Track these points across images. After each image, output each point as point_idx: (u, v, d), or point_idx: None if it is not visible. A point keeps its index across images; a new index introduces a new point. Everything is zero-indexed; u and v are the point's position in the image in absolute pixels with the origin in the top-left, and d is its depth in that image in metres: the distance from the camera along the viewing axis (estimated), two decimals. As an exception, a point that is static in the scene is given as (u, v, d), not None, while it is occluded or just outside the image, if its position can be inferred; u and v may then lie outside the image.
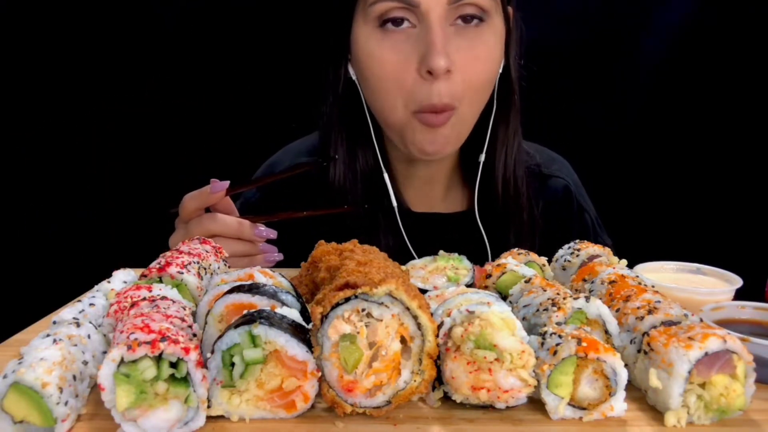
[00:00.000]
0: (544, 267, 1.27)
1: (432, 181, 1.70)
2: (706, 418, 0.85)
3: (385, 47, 1.43)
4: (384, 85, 1.46)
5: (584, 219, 1.78)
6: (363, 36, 1.46)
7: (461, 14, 1.42)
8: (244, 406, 0.84)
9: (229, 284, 1.00)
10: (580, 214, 1.79)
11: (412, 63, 1.41)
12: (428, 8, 1.38)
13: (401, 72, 1.42)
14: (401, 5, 1.39)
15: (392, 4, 1.39)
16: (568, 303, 0.95)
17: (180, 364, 0.79)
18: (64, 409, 0.79)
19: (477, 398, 0.85)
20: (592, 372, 0.86)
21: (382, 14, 1.42)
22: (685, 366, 0.83)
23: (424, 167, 1.67)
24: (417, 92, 1.43)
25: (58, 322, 0.95)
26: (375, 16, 1.43)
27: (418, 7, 1.38)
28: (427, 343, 0.86)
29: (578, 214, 1.78)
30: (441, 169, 1.69)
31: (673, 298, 1.01)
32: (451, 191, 1.74)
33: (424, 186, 1.70)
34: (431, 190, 1.71)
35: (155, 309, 0.89)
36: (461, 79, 1.43)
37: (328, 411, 0.87)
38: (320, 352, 0.84)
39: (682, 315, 0.94)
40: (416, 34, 1.41)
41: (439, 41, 1.38)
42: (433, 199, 1.72)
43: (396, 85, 1.44)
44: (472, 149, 1.63)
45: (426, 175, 1.68)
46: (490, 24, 1.46)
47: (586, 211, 1.79)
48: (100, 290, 1.10)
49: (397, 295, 0.84)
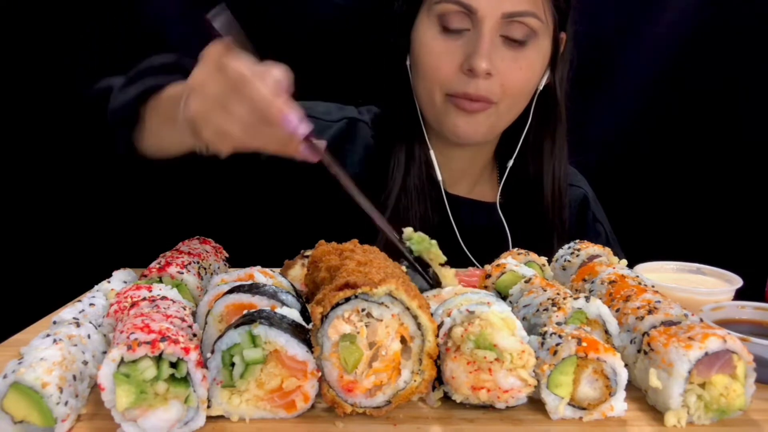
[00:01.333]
0: (544, 267, 1.27)
1: (464, 174, 1.81)
2: (706, 418, 0.85)
3: (438, 40, 1.59)
4: (427, 72, 1.61)
5: (597, 230, 1.87)
6: (423, 29, 1.62)
7: (509, 35, 1.55)
8: (244, 406, 0.84)
9: (229, 284, 1.00)
10: (594, 225, 1.88)
11: (456, 59, 1.56)
12: (484, 15, 1.52)
13: (444, 63, 1.57)
14: (461, 9, 1.54)
15: (453, 7, 1.55)
16: (568, 303, 0.95)
17: (180, 364, 0.79)
18: (64, 409, 0.79)
19: (477, 398, 0.86)
20: (592, 372, 0.86)
21: (442, 14, 1.57)
22: (685, 366, 0.83)
23: (460, 156, 1.76)
24: (454, 82, 1.57)
25: (58, 322, 0.95)
26: (436, 14, 1.58)
27: (475, 14, 1.53)
28: (427, 343, 0.86)
29: (592, 223, 1.88)
30: (475, 164, 1.81)
31: (673, 298, 1.01)
32: (482, 184, 1.86)
33: (457, 175, 1.80)
34: (463, 179, 1.82)
35: (155, 309, 0.89)
36: (501, 82, 1.57)
37: (328, 411, 0.87)
38: (320, 352, 0.84)
39: (682, 315, 0.94)
40: (468, 36, 1.56)
41: (486, 46, 1.53)
42: (463, 187, 1.83)
43: (436, 73, 1.59)
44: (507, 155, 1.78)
45: (461, 165, 1.79)
46: (536, 44, 1.60)
47: (599, 221, 1.89)
48: (100, 290, 1.10)
49: (397, 295, 0.84)
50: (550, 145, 1.75)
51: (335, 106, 1.83)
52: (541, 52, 1.62)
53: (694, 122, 2.25)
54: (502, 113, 1.63)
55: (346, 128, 1.77)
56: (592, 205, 1.90)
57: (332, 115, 1.78)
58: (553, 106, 1.72)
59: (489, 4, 1.52)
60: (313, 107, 1.77)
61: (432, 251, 1.19)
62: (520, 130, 1.73)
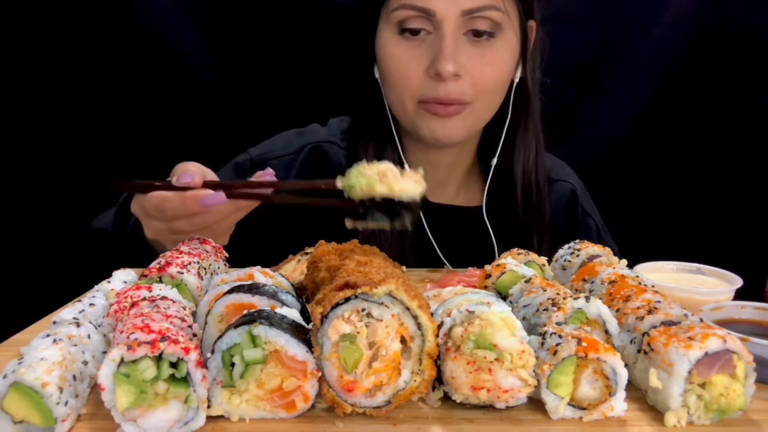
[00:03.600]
0: (544, 267, 1.27)
1: (448, 180, 1.79)
2: (706, 418, 0.85)
3: (400, 48, 1.57)
4: (394, 81, 1.60)
5: (587, 223, 1.85)
6: (384, 38, 1.60)
7: (473, 28, 1.53)
8: (244, 406, 0.84)
9: (229, 284, 1.00)
10: (584, 218, 1.86)
11: (421, 64, 1.54)
12: (443, 17, 1.50)
13: (410, 70, 1.56)
14: (419, 14, 1.52)
15: (411, 12, 1.53)
16: (568, 303, 0.95)
17: (180, 364, 0.79)
18: (64, 409, 0.79)
19: (477, 398, 0.85)
20: (592, 372, 0.86)
21: (401, 20, 1.55)
22: (685, 366, 0.83)
23: (441, 160, 1.74)
24: (423, 88, 1.56)
25: (58, 322, 0.95)
26: (395, 21, 1.56)
27: (434, 16, 1.51)
28: (427, 343, 0.86)
29: (582, 218, 1.86)
30: (457, 168, 1.78)
31: (673, 298, 1.01)
32: (467, 189, 1.83)
33: (440, 182, 1.77)
34: (447, 185, 1.80)
35: (155, 309, 0.89)
36: (471, 81, 1.55)
37: (328, 411, 0.87)
38: (320, 352, 0.84)
39: (682, 315, 0.94)
40: (430, 40, 1.54)
41: (449, 48, 1.50)
42: (447, 194, 1.80)
43: (404, 81, 1.57)
44: (490, 153, 1.73)
45: (442, 172, 1.77)
46: (501, 37, 1.57)
47: (589, 215, 1.86)
48: (100, 290, 1.10)
49: (397, 295, 0.84)
50: (522, 137, 1.71)
51: (294, 132, 1.82)
52: (509, 44, 1.59)
53: (694, 122, 2.25)
54: (478, 112, 1.61)
55: (310, 156, 1.75)
56: (580, 199, 1.87)
57: (292, 146, 1.76)
58: (525, 98, 1.69)
59: (445, 4, 1.49)
60: (270, 148, 1.78)
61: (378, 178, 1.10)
62: (501, 126, 1.70)
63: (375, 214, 1.12)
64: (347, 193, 1.12)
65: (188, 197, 1.17)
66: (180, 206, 1.18)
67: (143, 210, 1.24)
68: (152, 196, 1.20)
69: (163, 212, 1.19)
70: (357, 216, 1.13)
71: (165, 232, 1.26)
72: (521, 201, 1.72)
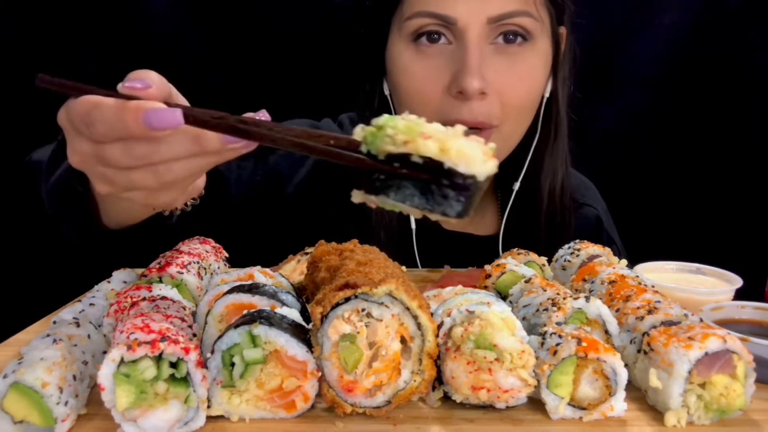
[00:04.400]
0: (544, 267, 1.27)
1: None
2: (706, 418, 0.85)
3: (416, 62, 1.38)
4: (410, 100, 1.40)
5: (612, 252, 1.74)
6: (397, 50, 1.42)
7: (503, 32, 1.35)
8: (244, 406, 0.84)
9: (229, 284, 1.00)
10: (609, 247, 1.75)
11: (441, 81, 1.36)
12: (466, 26, 1.32)
13: (429, 87, 1.37)
14: (438, 22, 1.34)
15: (428, 20, 1.34)
16: (568, 303, 0.95)
17: (180, 364, 0.79)
18: (64, 409, 0.79)
19: (477, 398, 0.85)
20: (592, 372, 0.86)
21: (417, 29, 1.37)
22: (685, 366, 0.83)
23: None
24: (444, 108, 1.36)
25: (58, 322, 0.95)
26: (410, 31, 1.38)
27: (455, 25, 1.32)
28: (427, 343, 0.86)
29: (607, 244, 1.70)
30: None
31: (673, 298, 1.01)
32: (482, 216, 1.65)
33: None
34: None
35: (155, 309, 0.89)
36: (500, 100, 1.36)
37: (328, 411, 0.87)
38: (320, 352, 0.84)
39: (682, 315, 0.94)
40: (451, 51, 1.36)
41: (474, 61, 1.32)
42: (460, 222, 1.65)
43: (422, 99, 1.38)
44: (509, 175, 1.54)
45: None
46: (533, 47, 1.39)
47: (614, 242, 1.72)
48: (100, 290, 1.10)
49: (397, 295, 0.84)
50: (550, 158, 1.51)
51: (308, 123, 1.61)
52: (541, 54, 1.41)
53: (694, 122, 2.25)
54: (506, 136, 1.41)
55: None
56: (605, 224, 1.71)
57: None
58: (555, 114, 1.49)
59: (469, 10, 1.31)
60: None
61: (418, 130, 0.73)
62: (525, 146, 1.50)
63: (402, 185, 0.72)
64: (368, 145, 0.75)
65: (129, 108, 0.76)
66: (114, 119, 0.76)
67: (70, 121, 0.83)
68: (82, 101, 0.80)
69: (91, 125, 0.79)
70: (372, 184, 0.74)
71: (91, 160, 0.83)
72: (544, 229, 1.54)
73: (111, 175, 0.82)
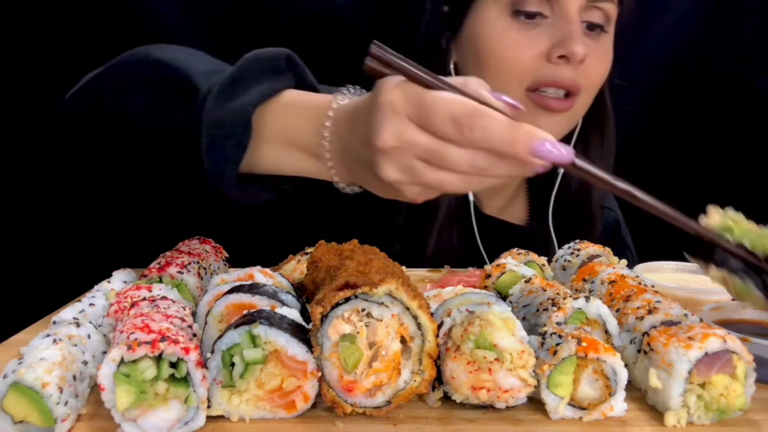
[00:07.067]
0: (544, 267, 1.27)
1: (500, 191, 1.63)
2: (706, 418, 0.85)
3: (512, 30, 1.41)
4: (499, 65, 1.42)
5: (626, 255, 1.68)
6: (490, 18, 1.44)
7: (587, 20, 1.43)
8: (244, 406, 0.84)
9: (229, 284, 1.00)
10: (624, 251, 1.74)
11: (537, 47, 1.40)
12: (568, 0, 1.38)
13: (525, 53, 1.40)
14: None
15: None
16: (568, 303, 0.95)
17: (180, 364, 0.79)
18: (64, 409, 0.79)
19: (477, 398, 0.85)
20: (592, 372, 0.86)
21: (516, 1, 1.41)
22: (685, 366, 0.83)
23: None
24: (538, 71, 1.40)
25: (58, 322, 0.95)
26: (507, 1, 1.41)
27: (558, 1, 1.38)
28: (427, 343, 0.86)
29: (623, 249, 1.74)
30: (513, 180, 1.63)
31: (673, 298, 1.01)
32: (515, 205, 1.68)
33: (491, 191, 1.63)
34: (495, 197, 1.65)
35: (155, 309, 0.89)
36: (585, 73, 1.43)
37: (328, 411, 0.87)
38: (320, 352, 0.84)
39: (682, 315, 0.94)
40: (549, 23, 1.41)
41: (578, 30, 1.39)
42: (493, 207, 1.65)
43: (514, 64, 1.41)
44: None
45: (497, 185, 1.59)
46: (609, 33, 1.48)
47: (629, 247, 1.74)
48: (100, 290, 1.10)
49: (397, 295, 0.84)
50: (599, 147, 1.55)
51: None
52: (611, 41, 1.49)
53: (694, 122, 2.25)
54: (577, 111, 1.47)
55: None
56: (622, 229, 1.75)
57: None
58: (604, 105, 1.56)
59: None
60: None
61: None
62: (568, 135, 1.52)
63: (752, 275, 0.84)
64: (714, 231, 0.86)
65: (522, 129, 0.73)
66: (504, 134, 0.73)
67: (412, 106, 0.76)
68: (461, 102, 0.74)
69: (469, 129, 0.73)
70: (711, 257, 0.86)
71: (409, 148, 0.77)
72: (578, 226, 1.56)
73: (420, 169, 0.78)
